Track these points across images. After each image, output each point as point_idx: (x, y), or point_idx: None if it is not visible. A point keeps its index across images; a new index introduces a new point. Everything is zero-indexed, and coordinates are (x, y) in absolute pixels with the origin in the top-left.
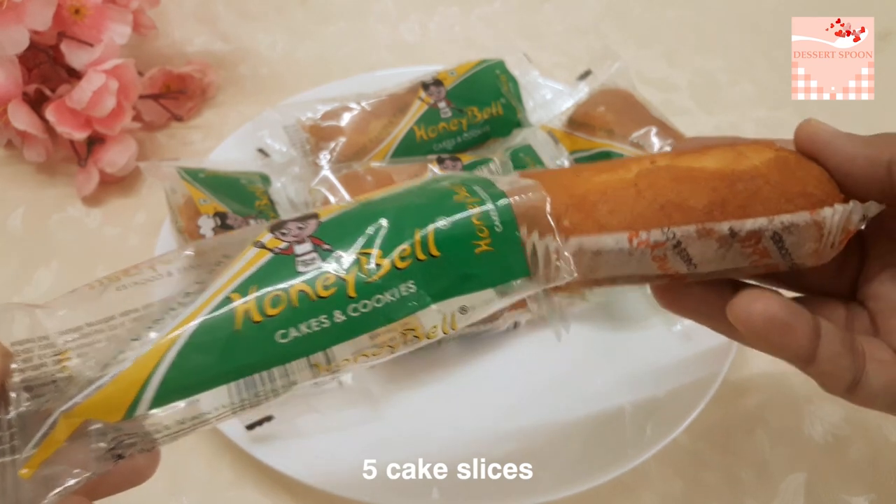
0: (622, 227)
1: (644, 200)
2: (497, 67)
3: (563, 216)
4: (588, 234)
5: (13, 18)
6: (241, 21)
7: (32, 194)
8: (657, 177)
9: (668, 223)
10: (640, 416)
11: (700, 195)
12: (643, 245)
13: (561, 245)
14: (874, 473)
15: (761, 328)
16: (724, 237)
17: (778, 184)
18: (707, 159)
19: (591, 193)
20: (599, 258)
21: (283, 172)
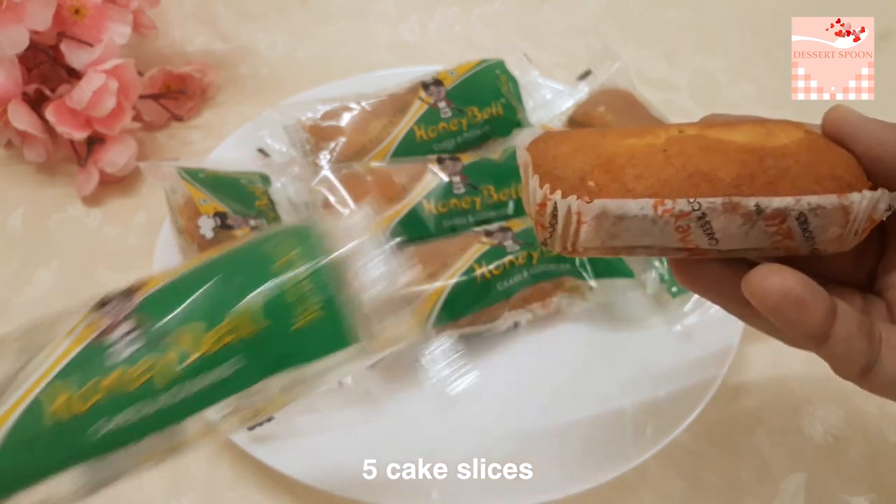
0: (648, 192)
1: (672, 167)
2: (497, 67)
3: (587, 177)
4: (613, 198)
5: (13, 18)
6: (241, 21)
7: (32, 194)
8: (686, 145)
9: (695, 193)
10: (641, 415)
11: (729, 167)
12: (667, 213)
13: (584, 206)
14: (874, 473)
15: (776, 303)
16: (750, 213)
17: (807, 164)
18: (737, 133)
19: (619, 156)
20: (621, 224)
21: (283, 172)
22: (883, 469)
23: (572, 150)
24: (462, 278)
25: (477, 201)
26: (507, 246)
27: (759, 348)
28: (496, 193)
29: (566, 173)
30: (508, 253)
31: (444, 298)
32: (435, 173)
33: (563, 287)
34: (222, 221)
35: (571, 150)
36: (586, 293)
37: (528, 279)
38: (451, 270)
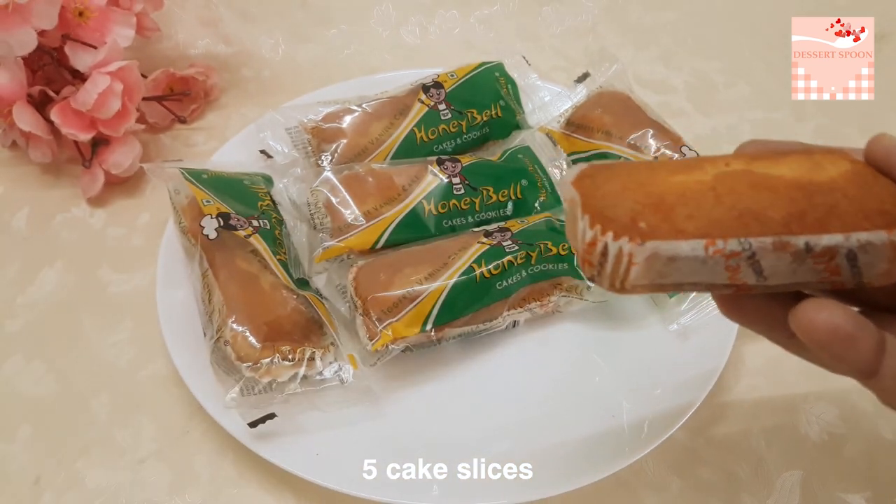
0: (699, 233)
1: (722, 206)
2: (496, 70)
3: (638, 217)
4: (664, 239)
5: (19, 20)
6: (244, 24)
7: (37, 195)
8: (735, 182)
9: (746, 233)
10: (638, 413)
11: (778, 205)
12: (718, 253)
13: (635, 248)
14: (870, 471)
15: (825, 338)
16: (799, 251)
17: (855, 198)
18: (784, 167)
19: (669, 195)
20: (672, 264)
21: (285, 174)
22: (879, 467)
23: (621, 187)
24: (461, 278)
25: (476, 202)
26: (506, 246)
27: (755, 347)
28: (495, 194)
29: (616, 213)
30: (507, 253)
31: (443, 298)
32: (435, 174)
33: (561, 287)
34: (225, 222)
35: (620, 187)
36: (584, 293)
37: (526, 279)
38: (451, 270)
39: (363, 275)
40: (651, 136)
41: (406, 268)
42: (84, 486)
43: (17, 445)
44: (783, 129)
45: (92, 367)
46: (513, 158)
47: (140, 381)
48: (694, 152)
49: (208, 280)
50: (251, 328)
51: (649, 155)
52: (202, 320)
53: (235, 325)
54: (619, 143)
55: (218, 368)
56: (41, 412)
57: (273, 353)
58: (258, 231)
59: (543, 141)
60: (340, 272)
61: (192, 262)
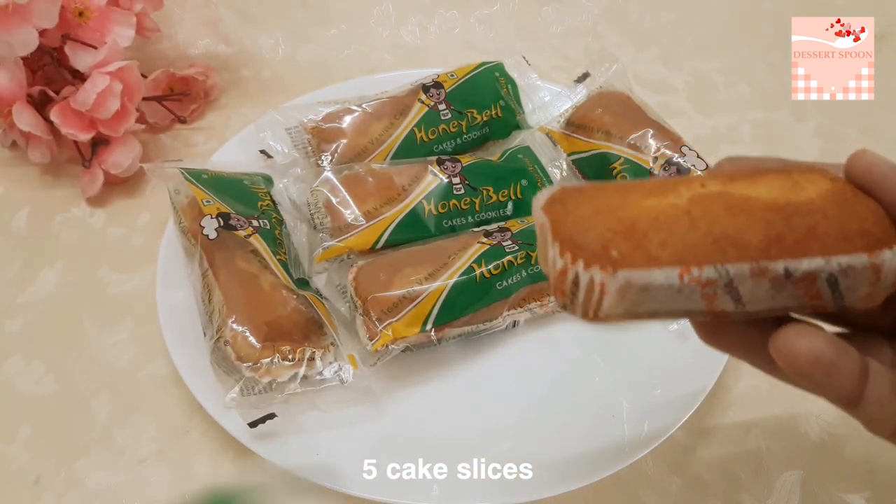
0: (673, 260)
1: (697, 231)
2: (496, 70)
3: (610, 244)
4: (637, 268)
5: (20, 20)
6: (244, 24)
7: (37, 195)
8: (711, 204)
9: (722, 259)
10: (638, 413)
11: (755, 229)
12: (694, 282)
13: (607, 278)
14: (870, 471)
15: (805, 367)
16: (778, 277)
17: (835, 219)
18: (761, 187)
19: (641, 220)
20: (646, 293)
21: (285, 174)
22: (879, 467)
23: (592, 212)
24: (461, 278)
25: (476, 202)
26: (506, 246)
27: None
28: (495, 194)
29: (587, 240)
30: (507, 253)
31: (443, 298)
32: (435, 174)
33: None
34: (225, 222)
35: (591, 212)
36: None
37: (526, 279)
38: (451, 270)
39: (363, 275)
40: (651, 136)
41: (406, 268)
42: (84, 486)
43: (17, 445)
44: (783, 129)
45: (92, 367)
46: (513, 158)
47: (140, 381)
48: (694, 152)
49: (208, 280)
50: (251, 328)
51: (650, 155)
52: (202, 320)
53: (235, 325)
54: (619, 143)
55: (218, 368)
56: (41, 412)
57: (273, 353)
58: (258, 231)
59: (543, 141)
60: (340, 272)
61: (192, 262)
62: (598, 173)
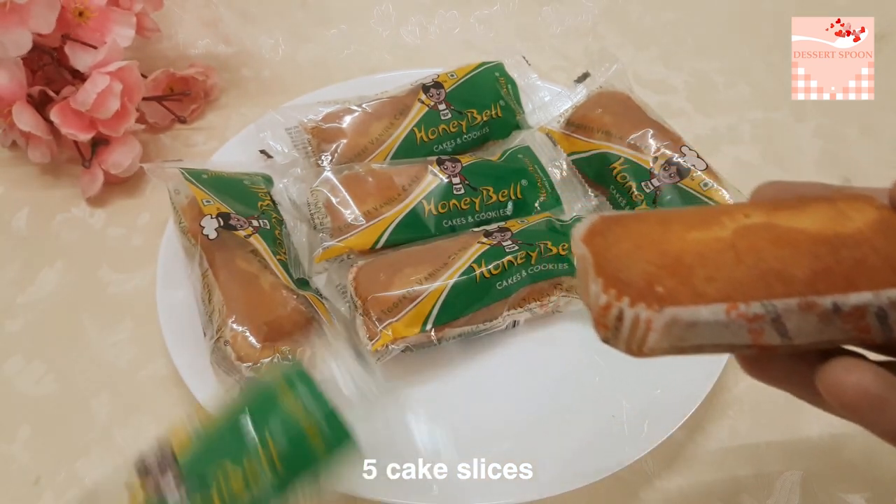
0: (720, 296)
1: (744, 266)
2: (496, 70)
3: (655, 281)
4: (683, 305)
5: (16, 21)
6: (244, 24)
7: (37, 195)
8: (756, 238)
9: (769, 294)
10: (638, 413)
11: (802, 263)
12: (741, 317)
13: (653, 315)
14: (870, 471)
15: (853, 402)
16: (827, 312)
17: (883, 251)
18: (806, 217)
19: (687, 255)
20: (692, 329)
21: (285, 174)
22: (879, 467)
23: (634, 246)
24: (461, 278)
25: (476, 202)
26: (506, 246)
27: None
28: (495, 194)
29: (631, 276)
30: (507, 253)
31: (443, 298)
32: (435, 174)
33: (561, 287)
34: (225, 222)
35: (633, 246)
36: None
37: (526, 279)
38: (451, 270)
39: (363, 275)
40: (651, 136)
41: (406, 268)
42: (84, 486)
43: (17, 445)
44: (783, 129)
45: (92, 367)
46: (513, 158)
47: (140, 381)
48: (694, 152)
49: (208, 280)
50: (251, 328)
51: (650, 155)
52: (202, 320)
53: (235, 325)
54: (618, 143)
55: (218, 368)
56: (41, 412)
57: (273, 354)
58: (258, 231)
59: (543, 141)
60: (340, 272)
61: (192, 262)
62: (598, 173)
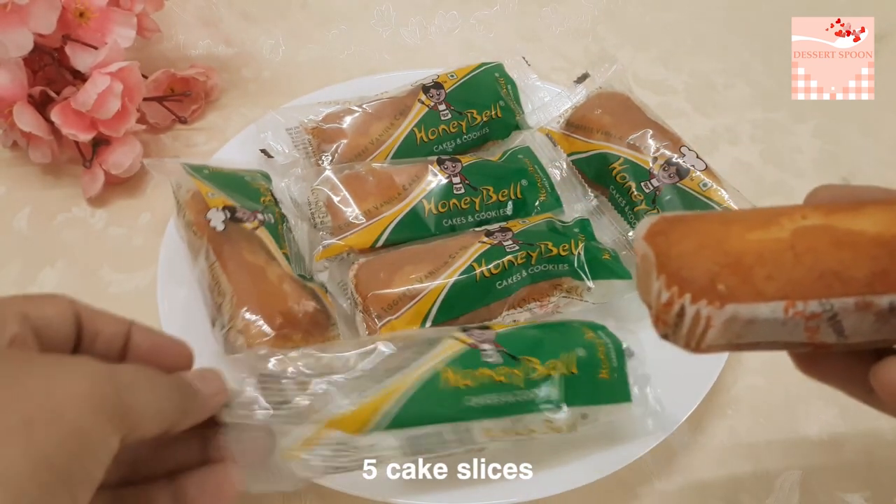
0: (779, 294)
1: (803, 267)
2: (496, 70)
3: (716, 279)
4: (743, 303)
5: (17, 21)
6: (244, 24)
7: (38, 195)
8: (816, 239)
9: (827, 294)
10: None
11: (861, 264)
12: (798, 315)
13: (714, 312)
14: (869, 471)
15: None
16: (883, 311)
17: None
18: (864, 220)
19: (747, 254)
20: (751, 326)
21: (285, 174)
22: (878, 466)
23: (697, 245)
24: (461, 277)
25: (476, 202)
26: (507, 246)
27: None
28: (495, 194)
29: (694, 274)
30: (508, 253)
31: (443, 297)
32: (435, 174)
33: (561, 287)
34: (232, 214)
35: (696, 245)
36: (584, 293)
37: (526, 279)
38: (451, 269)
39: (364, 272)
40: (650, 136)
41: (407, 266)
42: None
43: None
44: (783, 129)
45: None
46: (513, 159)
47: None
48: (693, 152)
49: (216, 272)
50: (264, 317)
51: (649, 156)
52: (210, 312)
53: (248, 314)
54: (618, 143)
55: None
56: None
57: (284, 344)
58: (264, 224)
59: (543, 141)
60: (342, 269)
61: (196, 256)
62: (597, 173)
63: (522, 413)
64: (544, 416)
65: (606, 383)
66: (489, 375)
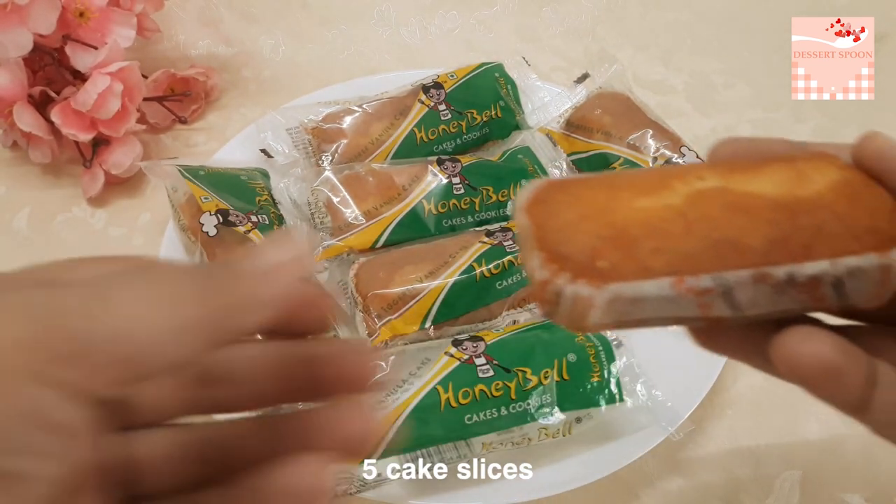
0: (667, 269)
1: (694, 237)
2: (496, 70)
3: (598, 255)
4: (627, 281)
5: (16, 21)
6: (244, 24)
7: (38, 195)
8: (709, 204)
9: (721, 266)
10: (638, 412)
11: (758, 231)
12: (689, 291)
13: (594, 292)
14: (869, 471)
15: (809, 374)
16: (780, 283)
17: (844, 216)
18: (764, 180)
19: (633, 225)
20: (636, 304)
21: (285, 174)
22: (878, 467)
23: (578, 216)
24: (461, 277)
25: (476, 202)
26: (507, 246)
27: None
28: (495, 194)
29: (573, 249)
30: (508, 253)
31: (443, 296)
32: (435, 174)
33: None
34: (224, 218)
35: (577, 216)
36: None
37: (527, 279)
38: (451, 269)
39: (364, 271)
40: (650, 136)
41: (407, 265)
42: None
43: None
44: (783, 129)
45: None
46: (513, 159)
47: None
48: (693, 152)
49: None
50: None
51: (649, 156)
52: None
53: None
54: (618, 143)
55: None
56: None
57: None
58: (257, 226)
59: (543, 141)
60: (342, 269)
61: (192, 260)
62: None
63: (520, 424)
64: (539, 424)
65: (598, 385)
66: (485, 391)
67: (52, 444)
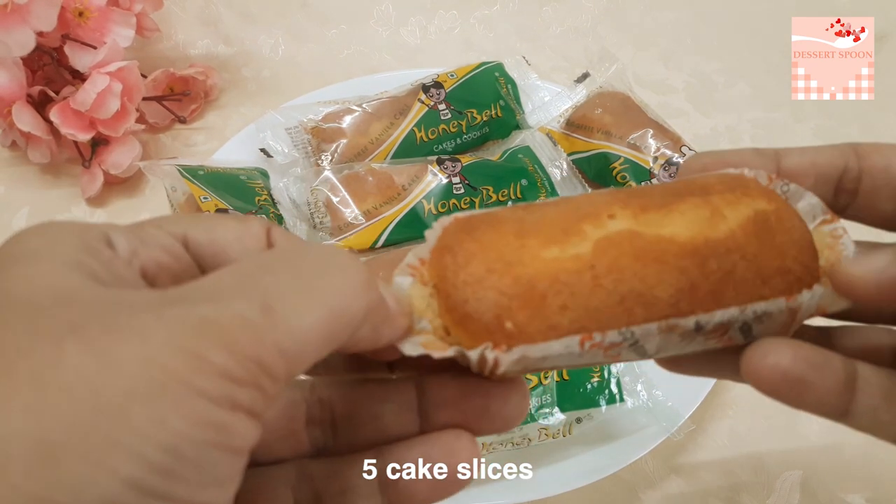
0: (574, 328)
1: (602, 290)
2: (496, 70)
3: (504, 315)
4: (534, 343)
5: (18, 20)
6: (244, 24)
7: (37, 195)
8: (619, 253)
9: (627, 322)
10: (638, 413)
11: (667, 281)
12: (596, 347)
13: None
14: (869, 471)
15: (773, 386)
16: (689, 332)
17: (755, 258)
18: (676, 220)
19: (540, 279)
20: (544, 361)
21: (285, 173)
22: (878, 467)
23: (485, 270)
24: None
25: (476, 202)
26: None
27: None
28: (495, 194)
29: (479, 308)
30: None
31: None
32: (435, 174)
33: None
34: None
35: (484, 270)
36: None
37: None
38: None
39: None
40: (651, 136)
41: None
42: None
43: None
44: (783, 129)
45: None
46: (513, 158)
47: None
48: (693, 152)
49: None
50: None
51: (650, 155)
52: None
53: None
54: (618, 142)
55: None
56: None
57: None
58: None
59: (543, 141)
60: None
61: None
62: (598, 173)
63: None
64: (539, 424)
65: (598, 386)
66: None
67: (230, 469)
